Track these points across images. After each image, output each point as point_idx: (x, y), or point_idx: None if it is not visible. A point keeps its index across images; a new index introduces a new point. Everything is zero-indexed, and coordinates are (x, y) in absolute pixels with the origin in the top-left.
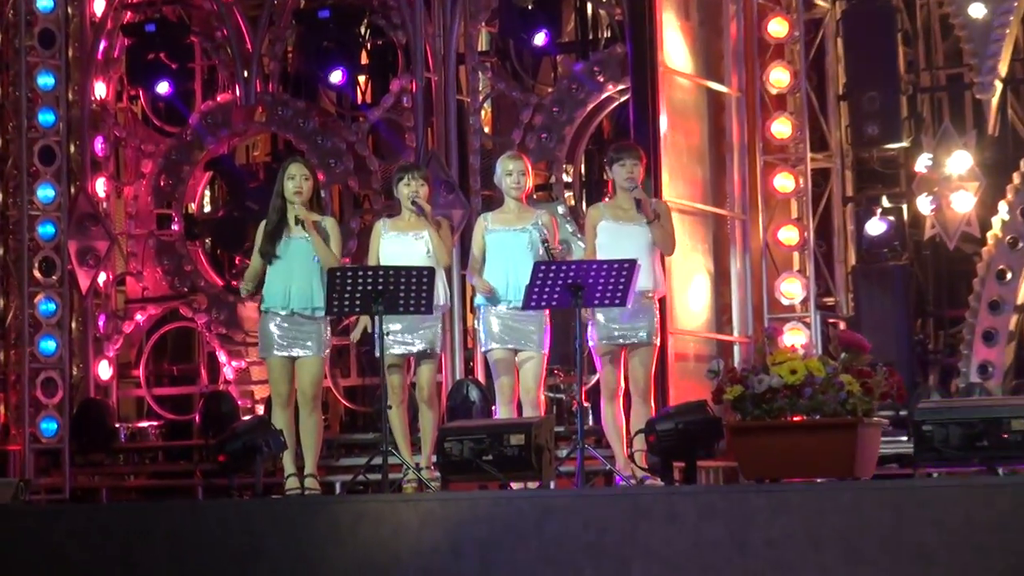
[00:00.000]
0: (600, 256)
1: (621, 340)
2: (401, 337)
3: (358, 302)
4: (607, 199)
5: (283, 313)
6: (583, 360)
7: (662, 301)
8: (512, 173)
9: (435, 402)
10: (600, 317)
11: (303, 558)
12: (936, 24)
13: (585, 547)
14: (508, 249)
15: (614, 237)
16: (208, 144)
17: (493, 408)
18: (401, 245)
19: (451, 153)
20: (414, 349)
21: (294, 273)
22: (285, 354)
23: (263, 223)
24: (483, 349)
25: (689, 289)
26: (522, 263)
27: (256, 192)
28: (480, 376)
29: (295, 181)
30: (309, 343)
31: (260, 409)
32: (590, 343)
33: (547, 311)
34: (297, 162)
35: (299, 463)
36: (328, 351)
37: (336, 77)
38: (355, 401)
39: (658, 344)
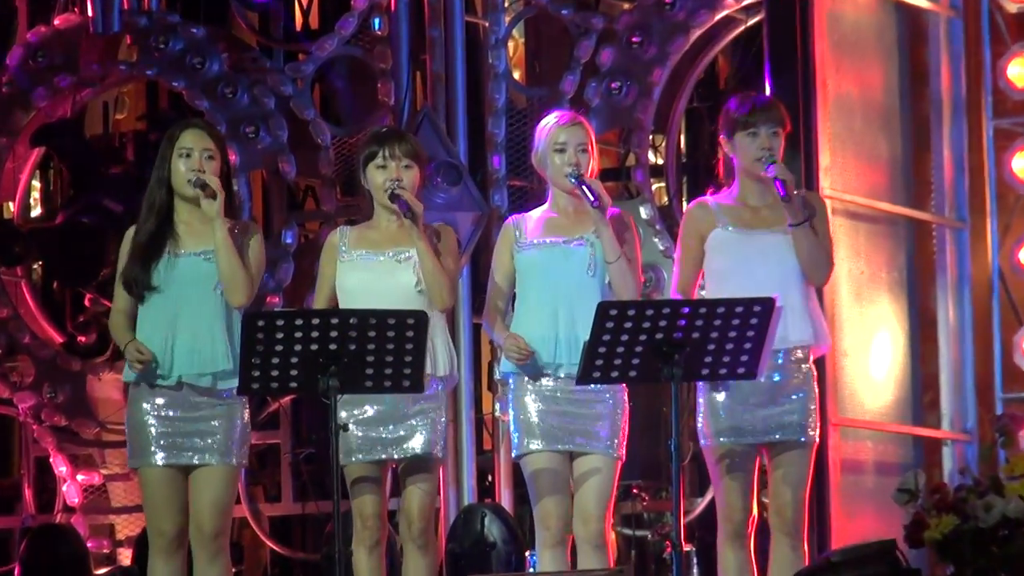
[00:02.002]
0: (712, 289)
1: (751, 438)
2: (375, 432)
3: (296, 373)
4: (717, 191)
5: (165, 387)
6: (681, 472)
7: (820, 367)
8: (564, 148)
9: (431, 543)
10: (719, 397)
11: None
12: None
13: None
14: (556, 277)
15: (737, 256)
16: (37, 101)
17: (528, 555)
18: (372, 272)
19: (456, 115)
20: (400, 451)
21: (183, 316)
22: (172, 462)
23: (130, 232)
24: (514, 453)
25: (865, 347)
26: (580, 302)
27: (119, 183)
28: (506, 499)
29: (191, 159)
30: (211, 441)
31: (126, 558)
32: (703, 442)
33: (623, 388)
34: (194, 128)
35: None
36: (244, 456)
37: None
38: (289, 543)
39: (817, 440)
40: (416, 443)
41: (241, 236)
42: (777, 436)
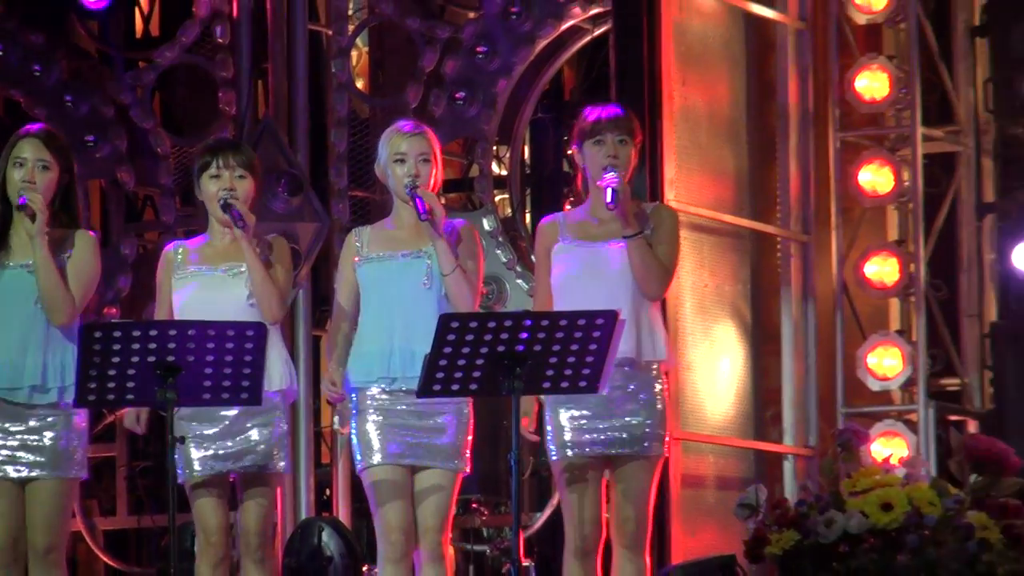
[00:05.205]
0: (560, 302)
1: (597, 449)
2: (212, 447)
3: (133, 384)
4: (569, 207)
5: None
6: (521, 486)
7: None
8: (404, 159)
9: (270, 558)
10: (564, 411)
11: None
12: None
13: None
14: (393, 291)
15: (576, 268)
16: None
17: (366, 570)
18: (206, 287)
19: (298, 125)
20: (239, 464)
21: (11, 330)
22: (1, 475)
23: None
24: (357, 467)
25: (708, 361)
26: (417, 315)
27: None
28: (344, 513)
29: (24, 169)
30: (44, 454)
31: None
32: (551, 456)
33: (467, 401)
34: (31, 138)
35: None
36: (81, 469)
37: None
38: (125, 558)
39: (663, 455)
40: (254, 457)
41: (65, 249)
42: (620, 450)
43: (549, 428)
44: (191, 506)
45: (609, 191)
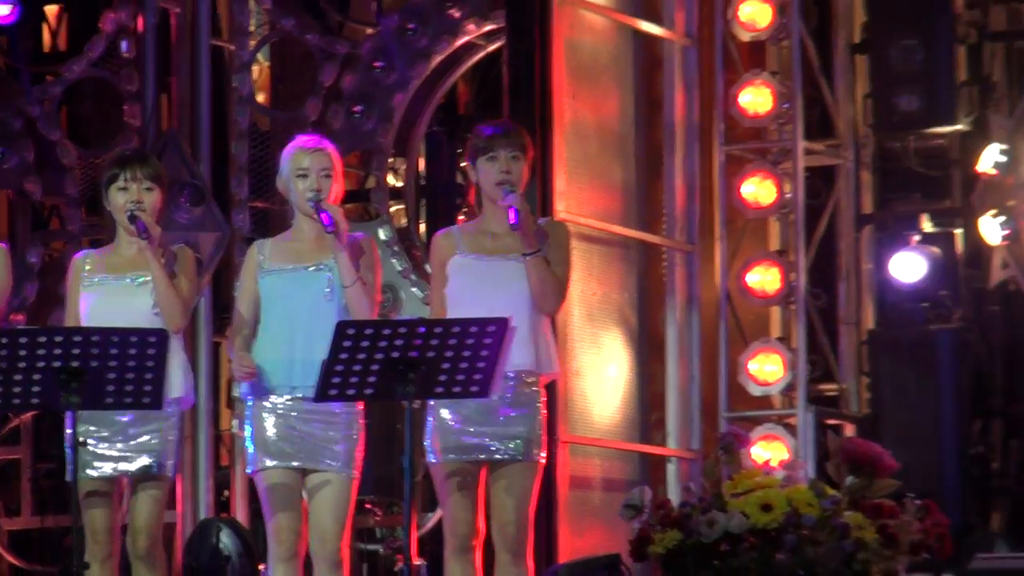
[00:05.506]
0: (453, 311)
1: (480, 455)
2: (108, 448)
3: (38, 389)
4: (464, 219)
5: None
6: (414, 488)
7: (551, 390)
8: (306, 174)
9: (158, 558)
10: (446, 415)
11: None
12: None
13: None
14: (295, 302)
15: (471, 281)
16: None
17: (263, 569)
18: (111, 297)
19: (201, 137)
20: (130, 467)
21: None
22: None
23: None
24: (249, 469)
25: (595, 367)
26: (318, 326)
27: None
28: (241, 514)
29: None
30: None
31: None
32: (431, 459)
33: (359, 406)
34: None
35: None
36: None
37: (2, 10)
38: (28, 557)
39: (543, 461)
40: (145, 460)
41: None
42: (502, 455)
43: (431, 432)
44: (81, 506)
45: (512, 212)
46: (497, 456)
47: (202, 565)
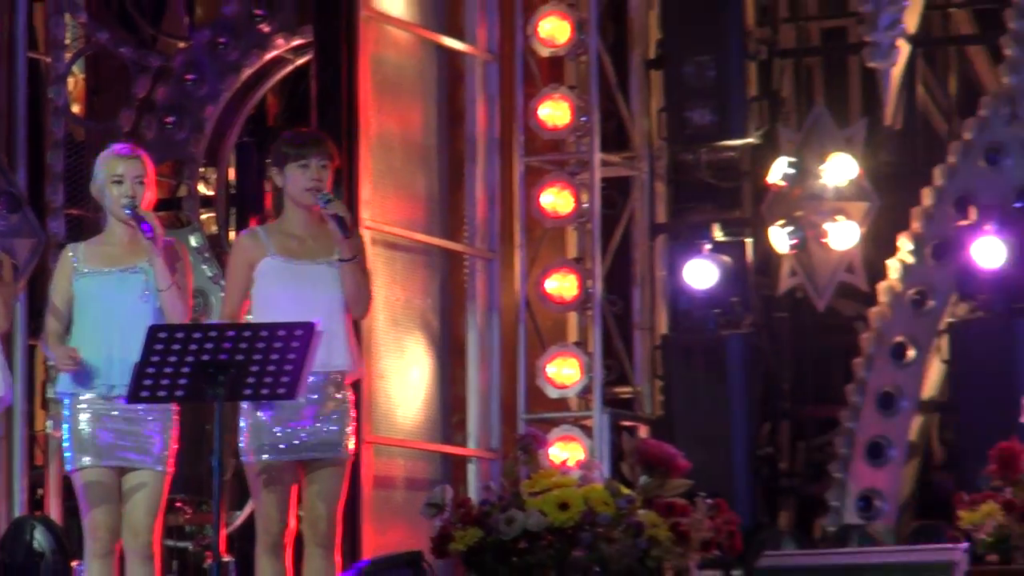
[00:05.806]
0: (259, 315)
1: (293, 453)
2: None
3: None
4: (263, 222)
5: None
6: (223, 486)
7: (357, 388)
8: (121, 180)
9: None
10: (260, 415)
11: None
12: None
13: None
14: (111, 304)
15: (284, 284)
16: None
17: (76, 565)
18: None
19: (17, 146)
20: None
21: None
22: None
23: None
24: (67, 467)
25: (399, 370)
26: (134, 327)
27: None
28: (56, 512)
29: None
30: None
31: None
32: (244, 458)
33: (174, 407)
34: None
35: None
36: None
37: None
38: None
39: (351, 458)
40: None
41: None
42: (314, 454)
43: (244, 432)
44: None
45: (340, 220)
46: (310, 454)
47: (16, 563)
